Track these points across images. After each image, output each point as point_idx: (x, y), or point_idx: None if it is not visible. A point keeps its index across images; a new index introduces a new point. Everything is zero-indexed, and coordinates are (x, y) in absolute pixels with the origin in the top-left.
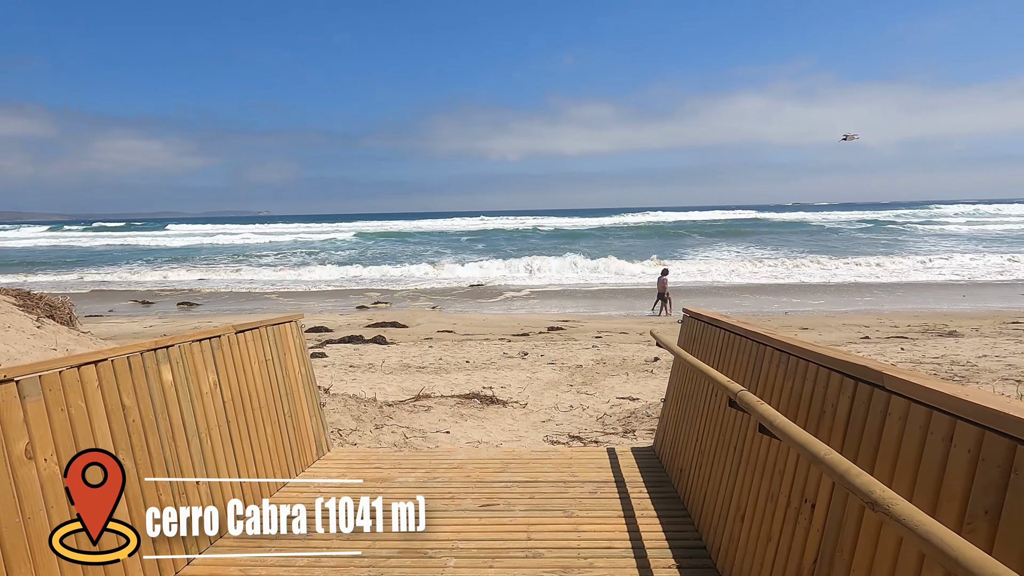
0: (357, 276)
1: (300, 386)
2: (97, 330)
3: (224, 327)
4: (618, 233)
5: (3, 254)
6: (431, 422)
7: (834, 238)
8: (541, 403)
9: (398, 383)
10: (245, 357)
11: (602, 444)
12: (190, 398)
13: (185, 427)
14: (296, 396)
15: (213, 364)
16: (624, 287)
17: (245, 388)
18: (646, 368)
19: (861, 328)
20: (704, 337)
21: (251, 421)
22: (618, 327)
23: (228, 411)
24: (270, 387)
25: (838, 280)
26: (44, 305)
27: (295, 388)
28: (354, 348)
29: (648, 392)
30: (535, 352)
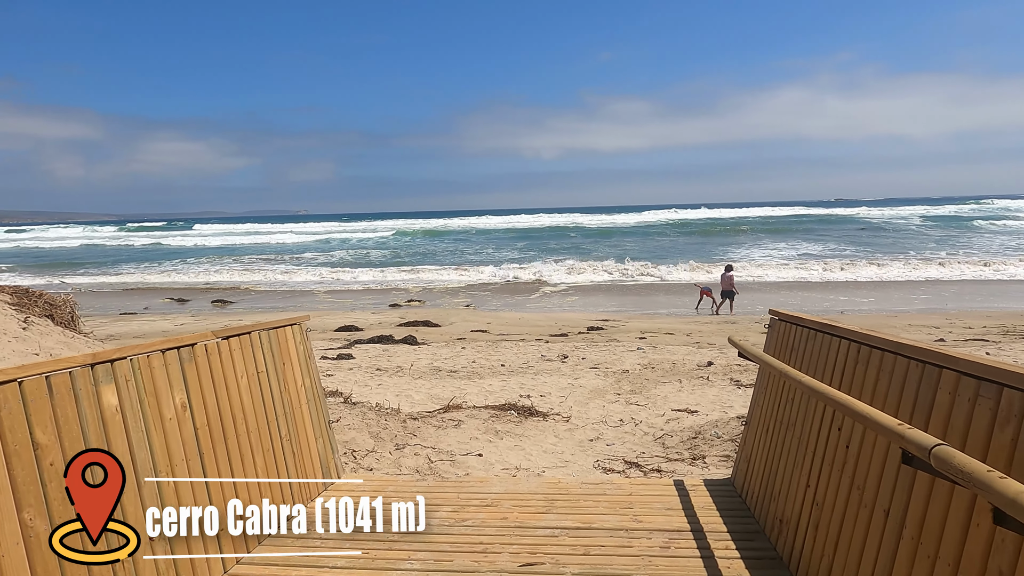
0: (392, 274)
1: (304, 402)
2: (126, 328)
3: (201, 333)
4: (656, 230)
5: (52, 253)
6: (461, 441)
7: (889, 233)
8: (586, 415)
9: (427, 390)
10: (229, 370)
11: (666, 474)
12: (144, 427)
13: (136, 465)
14: (298, 415)
15: (182, 380)
16: (664, 284)
17: (227, 409)
18: (700, 374)
19: (931, 329)
20: (809, 349)
21: (234, 450)
22: (662, 327)
23: (202, 440)
24: (262, 406)
25: (889, 277)
26: (43, 304)
27: (297, 405)
28: (383, 349)
29: (707, 404)
30: (575, 355)
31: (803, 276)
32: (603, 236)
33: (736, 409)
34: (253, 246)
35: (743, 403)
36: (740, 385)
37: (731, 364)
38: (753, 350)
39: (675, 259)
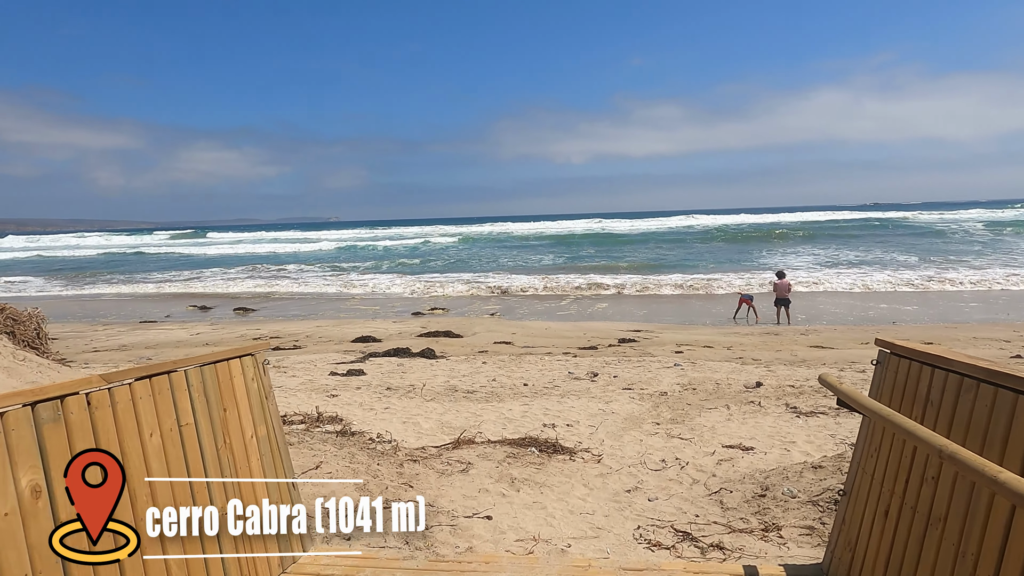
0: (420, 280)
1: (254, 458)
2: (140, 338)
3: (82, 379)
4: (690, 236)
5: (81, 261)
6: (468, 493)
7: (933, 237)
8: (621, 453)
9: (438, 415)
10: (130, 427)
11: (731, 553)
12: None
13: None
14: (243, 474)
15: (37, 452)
16: (697, 294)
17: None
18: (749, 398)
19: (1000, 343)
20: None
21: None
22: (700, 339)
23: (71, 541)
24: (185, 470)
25: (936, 287)
26: (5, 319)
27: (243, 463)
28: (398, 364)
29: (764, 438)
30: (606, 372)
31: (841, 283)
32: (634, 242)
33: (799, 446)
34: (284, 253)
35: (806, 437)
36: (799, 413)
37: (782, 385)
38: (864, 400)
39: (709, 265)
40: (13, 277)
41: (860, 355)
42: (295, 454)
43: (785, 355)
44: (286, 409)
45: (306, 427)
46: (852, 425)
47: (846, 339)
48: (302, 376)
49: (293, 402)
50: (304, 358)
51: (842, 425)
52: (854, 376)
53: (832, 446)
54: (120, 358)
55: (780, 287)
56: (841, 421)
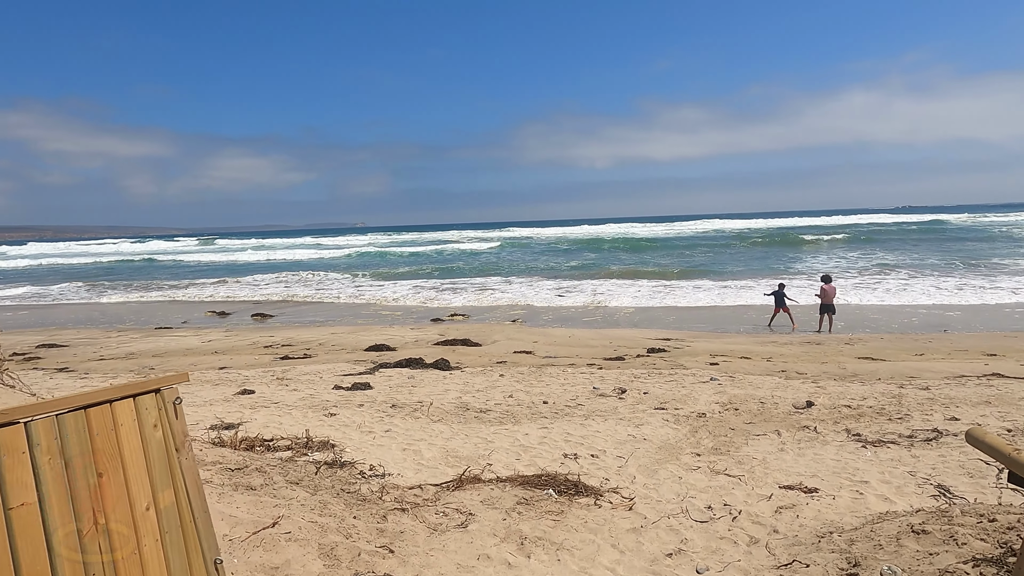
0: (441, 286)
1: (150, 541)
2: (152, 345)
3: None
4: (718, 240)
5: (114, 267)
6: (464, 562)
7: (977, 243)
8: (657, 495)
9: (443, 441)
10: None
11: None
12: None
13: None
14: (126, 568)
15: None
16: (726, 302)
17: None
18: (802, 421)
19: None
20: None
21: None
22: (736, 348)
23: None
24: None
25: (976, 296)
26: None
27: (131, 551)
28: (408, 376)
29: (828, 475)
30: (635, 387)
31: (881, 288)
32: (659, 247)
33: (874, 487)
34: (308, 259)
35: (879, 475)
36: (864, 442)
37: (837, 405)
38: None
39: (739, 270)
40: (32, 287)
41: (916, 368)
42: (253, 501)
43: (832, 368)
44: (276, 431)
45: (291, 455)
46: (933, 460)
47: (896, 349)
48: (304, 390)
49: (286, 422)
50: (311, 368)
51: (920, 460)
52: (918, 395)
53: (914, 489)
54: (123, 367)
55: (826, 292)
56: (919, 454)
